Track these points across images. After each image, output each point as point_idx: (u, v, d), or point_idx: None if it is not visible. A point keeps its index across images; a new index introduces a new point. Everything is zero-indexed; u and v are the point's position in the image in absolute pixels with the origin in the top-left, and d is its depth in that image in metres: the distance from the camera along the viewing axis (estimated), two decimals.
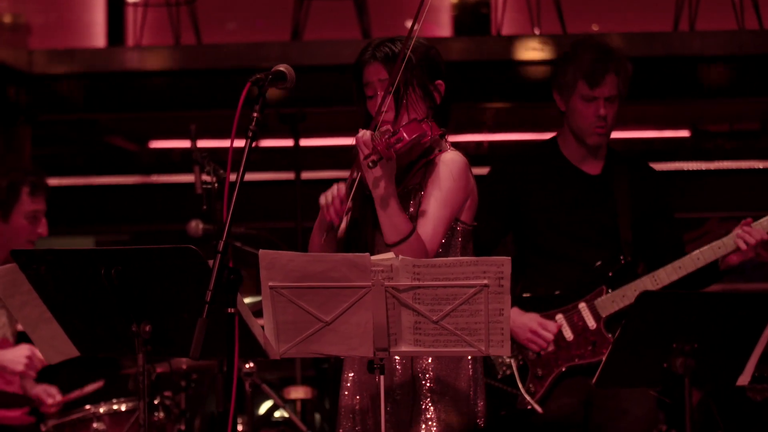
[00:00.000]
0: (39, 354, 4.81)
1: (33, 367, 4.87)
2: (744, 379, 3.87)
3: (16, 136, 8.21)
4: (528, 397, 4.44)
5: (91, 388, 5.20)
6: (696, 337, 3.71)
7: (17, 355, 4.87)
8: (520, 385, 4.47)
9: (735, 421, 5.24)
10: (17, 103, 8.18)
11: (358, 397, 3.65)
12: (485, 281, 3.13)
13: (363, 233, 3.63)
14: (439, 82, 3.67)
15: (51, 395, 5.02)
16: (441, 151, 3.61)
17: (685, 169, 8.93)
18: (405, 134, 3.40)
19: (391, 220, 3.43)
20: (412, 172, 3.61)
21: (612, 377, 3.84)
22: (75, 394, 5.16)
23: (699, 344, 3.71)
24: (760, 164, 8.95)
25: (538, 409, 4.42)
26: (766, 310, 3.77)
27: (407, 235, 3.43)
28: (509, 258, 3.13)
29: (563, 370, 4.46)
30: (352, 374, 3.67)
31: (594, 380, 3.85)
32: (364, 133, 3.42)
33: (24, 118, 8.26)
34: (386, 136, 3.38)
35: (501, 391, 4.49)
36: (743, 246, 4.36)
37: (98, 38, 9.03)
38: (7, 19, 8.53)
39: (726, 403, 5.24)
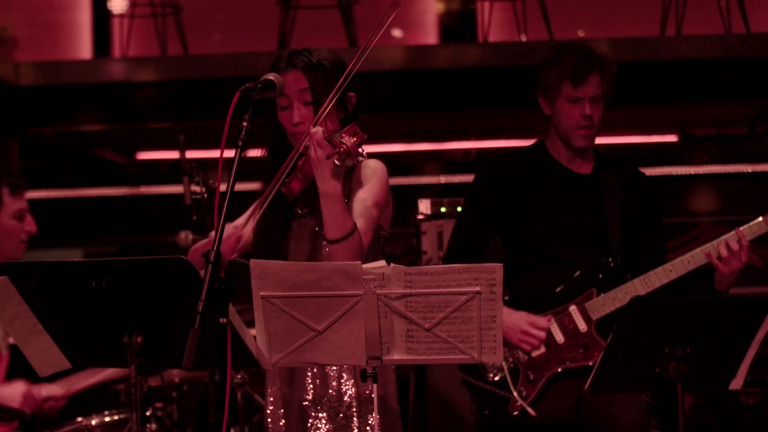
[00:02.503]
0: (35, 391, 4.82)
1: (29, 405, 4.85)
2: (737, 383, 3.86)
3: (3, 148, 8.19)
4: (521, 401, 4.43)
5: (93, 380, 5.16)
6: (688, 342, 3.71)
7: (14, 393, 4.84)
8: (512, 389, 4.45)
9: (728, 425, 5.23)
10: (4, 116, 8.16)
11: (282, 410, 3.65)
12: (477, 288, 3.12)
13: (275, 244, 3.61)
14: (351, 94, 3.67)
15: (56, 393, 4.97)
16: (360, 158, 3.57)
17: (673, 173, 8.94)
18: (361, 134, 3.40)
19: (337, 218, 3.40)
20: None
21: (604, 382, 3.83)
22: (79, 387, 5.12)
23: (691, 349, 3.70)
24: (748, 168, 8.97)
25: (532, 412, 4.41)
26: (758, 313, 3.76)
27: (351, 231, 3.42)
28: (501, 265, 3.13)
29: (558, 371, 4.45)
30: (273, 389, 3.67)
31: (586, 386, 3.84)
32: (318, 130, 3.35)
33: (11, 131, 8.24)
34: (350, 136, 3.36)
35: (491, 394, 4.48)
36: (729, 256, 4.36)
37: (84, 50, 9.02)
38: None
39: (719, 407, 5.23)
